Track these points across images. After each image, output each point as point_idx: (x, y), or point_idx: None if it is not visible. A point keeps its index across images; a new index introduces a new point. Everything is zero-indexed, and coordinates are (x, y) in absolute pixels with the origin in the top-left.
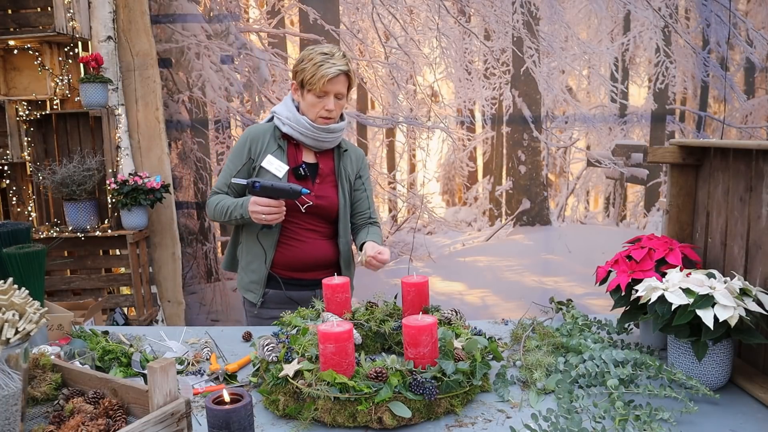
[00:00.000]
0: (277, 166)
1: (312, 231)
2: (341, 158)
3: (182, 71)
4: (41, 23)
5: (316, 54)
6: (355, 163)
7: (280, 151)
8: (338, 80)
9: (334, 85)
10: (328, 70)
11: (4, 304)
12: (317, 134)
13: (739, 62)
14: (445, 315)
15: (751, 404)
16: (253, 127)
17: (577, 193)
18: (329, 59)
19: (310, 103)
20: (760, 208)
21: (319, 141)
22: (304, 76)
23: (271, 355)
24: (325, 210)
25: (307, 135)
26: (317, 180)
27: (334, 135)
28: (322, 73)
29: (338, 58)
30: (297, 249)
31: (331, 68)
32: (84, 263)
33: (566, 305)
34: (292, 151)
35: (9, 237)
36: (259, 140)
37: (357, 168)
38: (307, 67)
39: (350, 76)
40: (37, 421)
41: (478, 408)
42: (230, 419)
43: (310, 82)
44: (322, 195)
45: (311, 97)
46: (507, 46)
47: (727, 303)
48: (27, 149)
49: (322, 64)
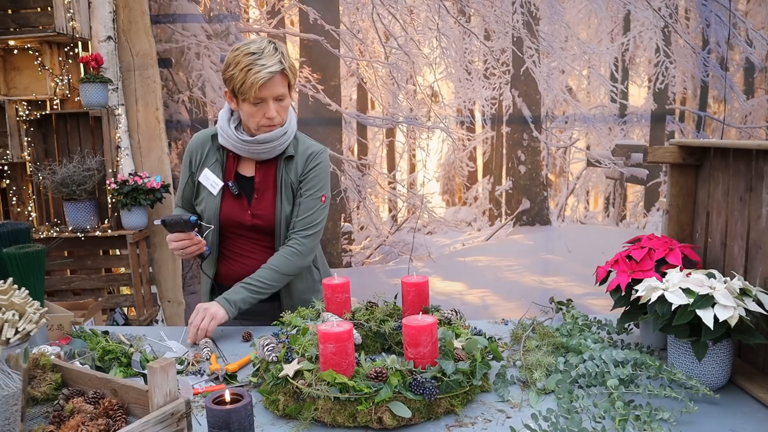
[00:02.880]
0: (213, 182)
1: (253, 243)
2: (285, 167)
3: (182, 71)
4: (41, 23)
5: (242, 56)
6: (300, 167)
7: (217, 165)
8: (273, 82)
9: (270, 89)
10: (257, 75)
11: (4, 304)
12: (249, 147)
13: (738, 62)
14: (445, 315)
15: (751, 404)
16: (196, 135)
17: (577, 193)
18: (258, 60)
19: (248, 113)
20: (760, 208)
21: (253, 153)
22: (234, 85)
23: (271, 355)
24: (264, 228)
25: (238, 147)
26: (255, 195)
27: (270, 145)
28: (252, 80)
29: (268, 55)
30: (238, 263)
31: (261, 71)
32: (84, 263)
33: (566, 305)
34: (230, 163)
35: (9, 237)
36: (198, 151)
37: (301, 170)
38: (235, 74)
39: (286, 73)
40: (37, 421)
41: (478, 408)
42: (230, 419)
43: (241, 91)
44: (257, 213)
45: (247, 106)
46: (507, 46)
47: (727, 303)
48: (27, 149)
49: (250, 68)
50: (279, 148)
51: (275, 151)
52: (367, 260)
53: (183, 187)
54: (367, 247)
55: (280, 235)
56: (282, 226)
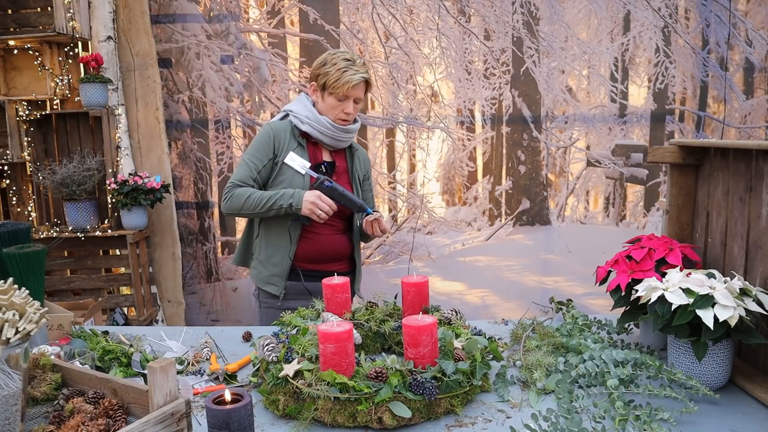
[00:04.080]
0: (300, 163)
1: (328, 226)
2: (353, 157)
3: (182, 71)
4: (41, 23)
5: (340, 59)
6: (364, 164)
7: (300, 149)
8: (360, 87)
9: (356, 90)
10: (352, 76)
11: (4, 304)
12: (336, 134)
13: (738, 62)
14: (445, 315)
15: (751, 404)
16: (274, 123)
17: (577, 193)
18: (352, 66)
19: (330, 105)
20: (760, 208)
21: (336, 140)
22: (327, 80)
23: (271, 355)
24: (342, 209)
25: (327, 134)
26: (334, 177)
27: (350, 135)
28: (347, 79)
29: (360, 65)
30: (315, 242)
31: (355, 75)
32: (84, 263)
33: (566, 305)
34: (311, 149)
35: (9, 237)
36: (281, 137)
37: (365, 168)
38: (330, 72)
39: (369, 83)
40: (37, 421)
41: (478, 408)
42: (230, 419)
43: (333, 86)
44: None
45: (332, 99)
46: (507, 46)
47: (727, 303)
48: (27, 149)
49: (346, 70)
50: (350, 139)
51: (350, 140)
52: (367, 260)
53: (258, 167)
54: (367, 246)
55: (353, 214)
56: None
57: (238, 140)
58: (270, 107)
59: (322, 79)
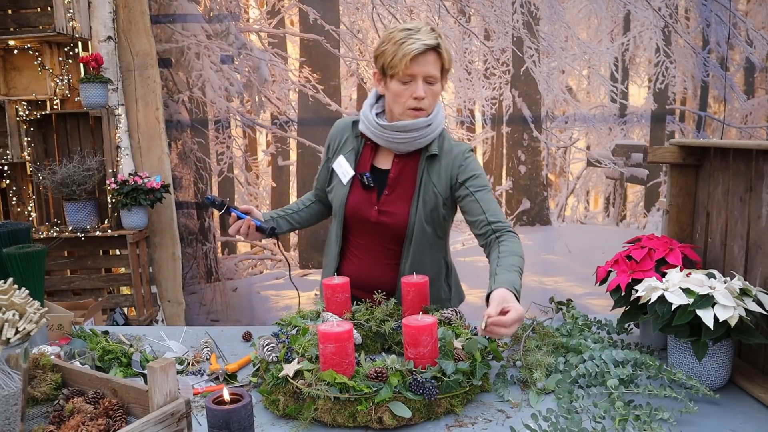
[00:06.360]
0: (345, 170)
1: (377, 244)
2: (427, 165)
3: (182, 71)
4: (41, 23)
5: (398, 31)
6: (450, 169)
7: (352, 153)
8: (426, 59)
9: (422, 65)
10: (411, 46)
11: (4, 304)
12: (387, 134)
13: (739, 62)
14: (445, 315)
15: (751, 404)
16: (339, 120)
17: (577, 193)
18: (413, 35)
19: (395, 92)
20: (760, 208)
21: (390, 142)
22: (385, 60)
23: (271, 355)
24: (390, 228)
25: (376, 134)
26: (385, 191)
27: (409, 135)
28: (405, 51)
29: (425, 32)
30: (356, 266)
31: (415, 43)
32: (84, 263)
33: (566, 305)
34: (367, 152)
35: (9, 237)
36: (337, 138)
37: (453, 173)
38: (387, 48)
39: (441, 53)
40: (37, 421)
41: (478, 408)
42: (230, 419)
43: (391, 65)
44: (385, 210)
45: (395, 84)
46: (507, 46)
47: (727, 303)
48: (27, 149)
49: (404, 41)
50: (420, 140)
51: (415, 143)
52: None
53: (319, 172)
54: None
55: (410, 238)
56: (413, 230)
57: (238, 140)
58: (270, 107)
59: (380, 60)
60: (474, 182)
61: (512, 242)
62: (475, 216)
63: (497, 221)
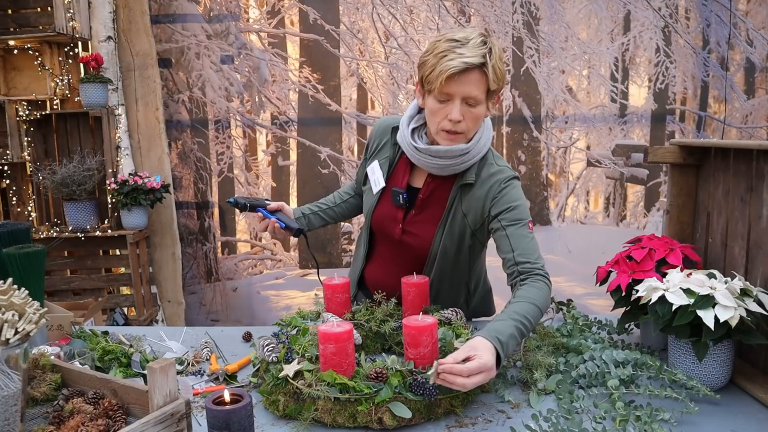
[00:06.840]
0: (377, 179)
1: (396, 263)
2: (460, 193)
3: (182, 71)
4: (41, 23)
5: (443, 41)
6: (484, 201)
7: (387, 161)
8: (467, 78)
9: (461, 84)
10: (450, 62)
11: (4, 304)
12: (420, 156)
13: (739, 62)
14: (445, 315)
15: (751, 404)
16: (383, 119)
17: (577, 193)
18: (457, 48)
19: (430, 109)
20: (760, 209)
21: (424, 164)
22: (424, 72)
23: (271, 355)
24: (412, 249)
25: (410, 153)
26: (413, 211)
27: (442, 162)
28: (442, 67)
29: (472, 46)
30: (378, 272)
31: (455, 60)
32: (84, 263)
33: (566, 305)
34: (402, 166)
35: (9, 237)
36: (377, 140)
37: (487, 206)
38: (428, 60)
39: (487, 72)
40: (37, 421)
41: (478, 408)
42: (230, 419)
43: (428, 80)
44: (409, 230)
45: (432, 101)
46: (507, 46)
47: (728, 303)
48: (27, 149)
49: (445, 54)
50: (453, 168)
51: (448, 170)
52: None
53: (359, 168)
54: None
55: (432, 261)
56: (435, 256)
57: (238, 140)
58: (270, 107)
59: (421, 71)
60: (507, 215)
61: (534, 287)
62: (504, 253)
63: (525, 261)
